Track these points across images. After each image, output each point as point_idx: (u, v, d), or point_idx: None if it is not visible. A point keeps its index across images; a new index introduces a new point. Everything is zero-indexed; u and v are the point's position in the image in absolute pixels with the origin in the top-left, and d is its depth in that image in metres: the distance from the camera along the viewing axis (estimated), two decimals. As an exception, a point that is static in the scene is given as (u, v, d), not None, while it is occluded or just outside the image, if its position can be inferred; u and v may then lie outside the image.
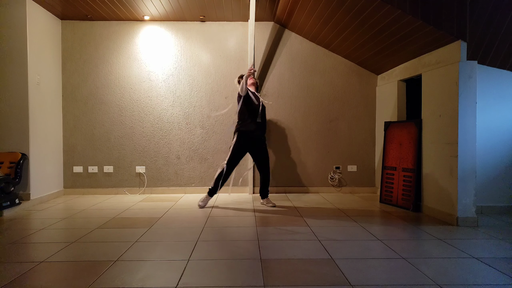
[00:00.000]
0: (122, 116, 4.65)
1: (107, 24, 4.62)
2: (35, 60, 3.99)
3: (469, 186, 3.05)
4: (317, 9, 3.76)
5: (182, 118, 4.68)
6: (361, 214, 3.46)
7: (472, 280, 1.90)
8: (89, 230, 2.90)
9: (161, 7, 4.17)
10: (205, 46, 4.68)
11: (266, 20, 4.65)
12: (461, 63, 3.05)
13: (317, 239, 2.63)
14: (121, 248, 2.43)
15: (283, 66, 4.72)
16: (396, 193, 3.86)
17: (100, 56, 4.63)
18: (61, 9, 4.22)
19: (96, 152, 4.63)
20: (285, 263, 2.14)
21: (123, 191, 4.63)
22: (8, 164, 3.73)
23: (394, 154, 3.96)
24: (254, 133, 3.73)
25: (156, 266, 2.10)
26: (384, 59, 4.15)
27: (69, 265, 2.12)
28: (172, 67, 4.67)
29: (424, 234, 2.80)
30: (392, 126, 4.08)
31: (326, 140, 4.74)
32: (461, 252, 2.35)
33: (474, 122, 3.05)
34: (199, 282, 1.87)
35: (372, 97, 4.75)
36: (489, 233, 2.81)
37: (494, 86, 3.47)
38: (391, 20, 3.23)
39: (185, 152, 4.69)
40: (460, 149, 3.05)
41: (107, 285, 1.83)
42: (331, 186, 4.74)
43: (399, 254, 2.30)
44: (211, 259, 2.21)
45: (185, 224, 3.08)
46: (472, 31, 3.10)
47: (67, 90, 4.61)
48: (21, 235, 2.77)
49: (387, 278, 1.91)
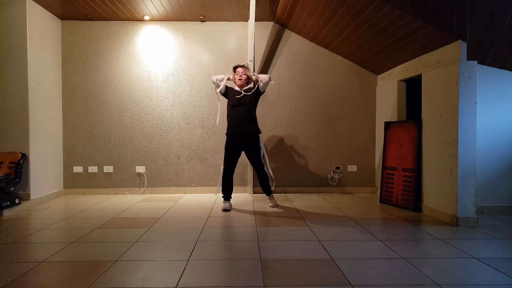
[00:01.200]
0: (122, 116, 4.65)
1: (107, 24, 4.62)
2: (35, 60, 3.99)
3: (469, 186, 3.05)
4: (317, 9, 3.76)
5: (182, 118, 4.68)
6: (361, 214, 3.46)
7: (472, 280, 1.90)
8: (89, 230, 2.90)
9: (161, 7, 4.17)
10: (205, 46, 4.68)
11: (266, 20, 4.65)
12: (461, 63, 3.05)
13: (317, 239, 2.63)
14: (121, 248, 2.43)
15: (283, 66, 4.72)
16: (396, 193, 3.86)
17: (100, 56, 4.62)
18: (61, 9, 4.22)
19: (96, 152, 4.63)
20: (285, 263, 2.14)
21: (123, 191, 4.63)
22: (8, 164, 3.73)
23: (394, 154, 3.96)
24: (240, 133, 3.63)
25: (156, 266, 2.10)
26: (384, 59, 4.15)
27: (69, 265, 2.12)
28: (172, 67, 4.67)
29: (424, 234, 2.80)
30: (392, 126, 4.08)
31: (326, 140, 4.74)
32: (461, 252, 2.35)
33: (474, 122, 3.05)
34: (199, 282, 1.87)
35: (372, 97, 4.75)
36: (489, 233, 2.81)
37: (494, 86, 3.47)
38: (391, 20, 3.23)
39: (185, 152, 4.69)
40: (460, 149, 3.05)
41: (107, 285, 1.83)
42: (331, 186, 4.74)
43: (399, 254, 2.30)
44: (211, 259, 2.21)
45: (185, 224, 3.08)
46: (472, 31, 3.10)
47: (67, 90, 4.61)
48: (21, 235, 2.77)
49: (387, 278, 1.91)
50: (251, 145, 3.68)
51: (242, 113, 3.62)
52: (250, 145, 3.68)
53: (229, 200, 3.77)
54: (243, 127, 3.63)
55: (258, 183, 4.56)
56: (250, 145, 3.68)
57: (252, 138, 3.68)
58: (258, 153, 3.71)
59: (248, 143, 3.68)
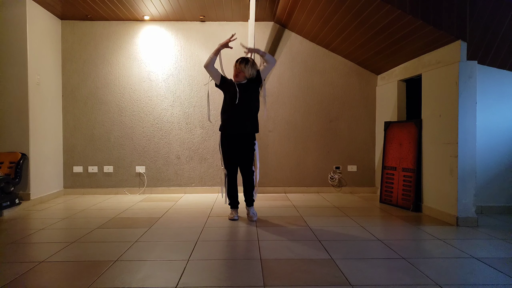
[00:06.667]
0: (122, 116, 4.65)
1: (107, 24, 4.62)
2: (35, 60, 3.99)
3: (469, 186, 3.05)
4: (317, 9, 3.76)
5: (182, 118, 4.68)
6: (361, 214, 3.46)
7: (472, 280, 1.90)
8: (89, 230, 2.90)
9: (161, 7, 4.17)
10: (205, 46, 4.68)
11: (266, 20, 4.65)
12: (461, 63, 3.05)
13: (317, 239, 2.63)
14: (121, 248, 2.43)
15: (283, 66, 4.72)
16: (396, 193, 3.86)
17: (100, 56, 4.62)
18: (61, 9, 4.22)
19: (96, 152, 4.63)
20: (285, 263, 2.14)
21: (123, 191, 4.63)
22: (8, 164, 3.73)
23: (394, 154, 3.96)
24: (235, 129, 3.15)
25: (156, 266, 2.10)
26: (384, 59, 4.15)
27: (69, 265, 2.12)
28: (172, 67, 4.67)
29: (424, 234, 2.80)
30: (392, 126, 4.08)
31: (326, 140, 4.74)
32: (461, 252, 2.35)
33: (474, 122, 3.05)
34: (199, 282, 1.87)
35: (372, 97, 4.75)
36: (489, 233, 2.81)
37: (494, 86, 3.47)
38: (391, 20, 3.23)
39: (185, 152, 4.69)
40: (460, 149, 3.04)
41: (107, 285, 1.83)
42: (331, 186, 4.74)
43: (399, 254, 2.30)
44: (211, 259, 2.21)
45: (185, 224, 3.08)
46: (472, 31, 3.10)
47: (67, 90, 4.61)
48: (21, 235, 2.77)
49: (387, 278, 1.91)
50: (246, 144, 3.20)
51: (241, 108, 3.12)
52: (245, 143, 3.19)
53: (236, 208, 3.32)
54: (241, 125, 3.15)
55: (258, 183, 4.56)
56: (245, 143, 3.19)
57: (249, 137, 3.21)
58: (251, 154, 3.23)
59: (243, 141, 3.19)
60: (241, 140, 3.19)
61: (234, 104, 3.13)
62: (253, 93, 3.21)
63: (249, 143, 3.21)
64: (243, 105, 3.14)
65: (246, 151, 3.21)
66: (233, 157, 3.23)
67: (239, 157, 3.22)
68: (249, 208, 3.29)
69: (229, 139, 3.20)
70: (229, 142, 3.20)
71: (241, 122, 3.16)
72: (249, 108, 3.18)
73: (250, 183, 3.27)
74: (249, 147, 3.22)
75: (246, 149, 3.21)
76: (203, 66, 3.16)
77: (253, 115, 3.22)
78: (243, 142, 3.19)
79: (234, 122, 3.16)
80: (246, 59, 3.21)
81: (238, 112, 3.15)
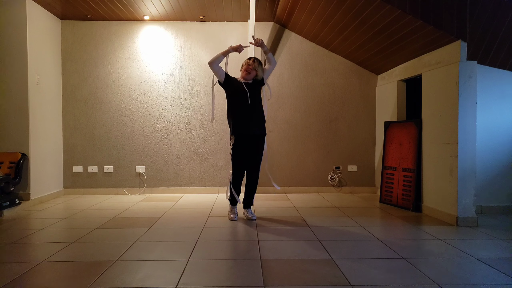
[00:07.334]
0: (122, 116, 4.65)
1: (107, 24, 4.62)
2: (35, 60, 3.99)
3: (469, 186, 3.05)
4: (317, 9, 3.76)
5: (182, 118, 4.68)
6: (361, 214, 3.46)
7: (472, 280, 1.90)
8: (89, 230, 2.90)
9: (161, 7, 4.17)
10: (205, 46, 4.68)
11: (266, 20, 4.65)
12: (461, 63, 3.05)
13: (317, 239, 2.63)
14: (121, 248, 2.43)
15: (283, 66, 4.72)
16: (396, 193, 3.86)
17: (100, 56, 4.62)
18: (61, 9, 4.22)
19: (96, 152, 4.63)
20: (285, 263, 2.14)
21: (123, 191, 4.63)
22: (8, 164, 3.73)
23: (394, 154, 3.96)
24: (250, 130, 3.12)
25: (156, 266, 2.10)
26: (384, 59, 4.15)
27: (69, 265, 2.12)
28: (172, 67, 4.67)
29: (424, 234, 2.80)
30: (392, 126, 4.08)
31: (326, 140, 4.74)
32: (461, 252, 2.35)
33: (474, 122, 3.05)
34: (199, 282, 1.87)
35: (372, 97, 4.75)
36: (489, 233, 2.81)
37: (494, 86, 3.46)
38: (391, 20, 3.23)
39: (185, 152, 4.69)
40: (460, 149, 3.04)
41: (107, 285, 1.83)
42: (331, 186, 4.74)
43: (399, 254, 2.30)
44: (211, 259, 2.21)
45: (185, 224, 3.08)
46: (472, 31, 3.10)
47: (67, 90, 4.61)
48: (21, 235, 2.77)
49: (387, 278, 1.91)
50: (259, 145, 3.19)
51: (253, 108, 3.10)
52: (258, 145, 3.18)
53: (235, 205, 3.33)
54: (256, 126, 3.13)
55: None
56: (258, 145, 3.18)
57: (262, 139, 3.21)
58: (260, 156, 3.24)
59: (257, 143, 3.18)
60: (255, 141, 3.17)
61: (246, 105, 3.10)
62: (259, 93, 3.22)
63: (262, 145, 3.21)
64: (254, 106, 3.13)
65: (257, 152, 3.20)
66: (244, 160, 3.19)
67: (249, 159, 3.21)
68: (246, 210, 3.31)
69: (244, 142, 3.15)
70: (243, 145, 3.15)
71: (256, 123, 3.15)
72: (259, 108, 3.18)
73: (254, 187, 3.28)
74: (261, 148, 3.21)
75: (258, 150, 3.20)
76: (208, 62, 3.15)
77: (263, 116, 3.22)
78: (256, 144, 3.18)
79: (249, 123, 3.12)
80: (259, 59, 3.21)
81: (251, 113, 3.12)
